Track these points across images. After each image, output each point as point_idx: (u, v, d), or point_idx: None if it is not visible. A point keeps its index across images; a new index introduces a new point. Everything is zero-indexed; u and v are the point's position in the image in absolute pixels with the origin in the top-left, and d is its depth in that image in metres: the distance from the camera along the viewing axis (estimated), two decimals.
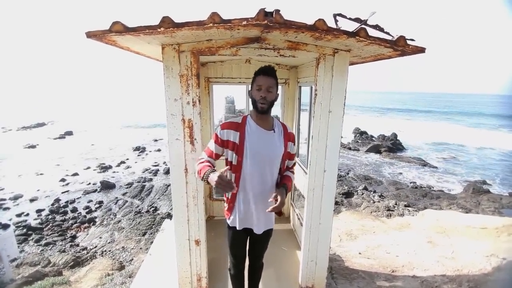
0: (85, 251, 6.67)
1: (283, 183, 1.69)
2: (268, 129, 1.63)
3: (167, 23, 1.33)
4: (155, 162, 14.81)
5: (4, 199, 10.09)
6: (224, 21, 1.33)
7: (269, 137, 1.63)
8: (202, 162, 1.58)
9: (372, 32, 1.42)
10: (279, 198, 1.51)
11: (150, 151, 17.61)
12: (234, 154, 1.61)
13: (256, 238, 1.82)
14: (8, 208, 9.50)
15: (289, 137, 1.70)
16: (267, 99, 1.55)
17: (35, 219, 8.69)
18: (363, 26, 1.41)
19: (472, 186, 11.01)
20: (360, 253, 3.93)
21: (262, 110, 1.56)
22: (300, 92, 3.15)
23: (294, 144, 1.77)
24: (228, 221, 1.77)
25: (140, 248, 6.60)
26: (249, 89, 1.66)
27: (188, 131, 1.89)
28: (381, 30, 1.43)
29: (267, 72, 1.55)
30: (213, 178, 1.37)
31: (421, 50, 1.49)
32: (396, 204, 8.39)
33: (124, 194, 10.42)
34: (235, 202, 1.70)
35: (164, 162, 14.65)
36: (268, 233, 1.82)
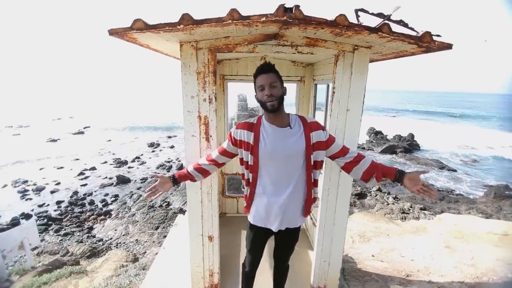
0: (101, 242, 6.92)
1: (395, 172, 1.54)
2: (283, 126, 1.56)
3: (186, 20, 1.34)
4: (169, 158, 15.11)
5: (28, 191, 10.62)
6: (243, 18, 1.32)
7: (285, 135, 1.55)
8: (195, 165, 1.73)
9: (395, 28, 1.37)
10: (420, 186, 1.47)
11: (164, 147, 17.99)
12: (249, 155, 1.59)
13: (281, 237, 1.79)
14: (30, 199, 9.99)
15: (310, 128, 1.57)
16: (274, 94, 1.47)
17: (55, 210, 9.10)
18: (386, 21, 1.36)
19: (493, 190, 10.51)
20: (373, 256, 3.84)
21: (273, 109, 1.48)
22: (315, 90, 3.10)
23: (324, 130, 1.60)
24: (249, 219, 1.77)
25: (153, 242, 6.77)
26: (254, 93, 1.59)
27: (204, 128, 1.91)
28: (405, 25, 1.38)
29: (264, 69, 1.49)
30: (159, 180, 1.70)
31: (448, 46, 1.42)
32: (411, 207, 8.15)
33: (138, 189, 10.71)
34: (253, 200, 1.70)
35: (177, 158, 14.92)
36: (292, 232, 1.75)
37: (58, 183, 11.37)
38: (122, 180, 11.46)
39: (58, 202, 9.55)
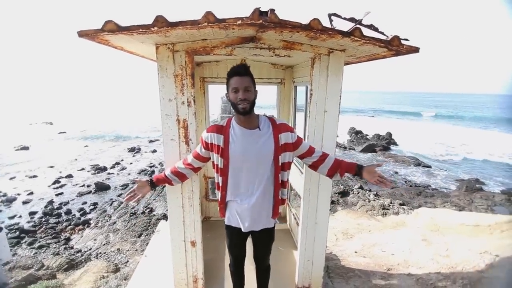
0: (79, 254, 6.58)
1: (355, 167, 1.68)
2: (252, 128, 1.58)
3: (160, 22, 1.32)
4: (151, 163, 14.70)
5: None
6: (219, 21, 1.32)
7: (254, 137, 1.57)
8: (173, 168, 1.77)
9: (367, 32, 1.43)
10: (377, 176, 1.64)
11: (145, 152, 17.48)
12: (219, 158, 1.59)
13: (256, 238, 1.83)
14: (0, 211, 9.34)
15: (279, 130, 1.60)
16: (247, 99, 1.48)
17: (28, 221, 8.55)
18: (357, 26, 1.42)
19: (465, 184, 11.17)
20: (356, 252, 3.95)
21: (244, 111, 1.50)
22: (295, 92, 3.15)
23: (292, 132, 1.64)
24: (225, 220, 1.80)
25: (136, 250, 6.53)
26: (226, 92, 1.59)
27: (183, 131, 1.88)
28: (376, 30, 1.44)
29: (240, 72, 1.48)
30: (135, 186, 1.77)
31: (415, 50, 1.50)
32: (391, 202, 8.47)
33: (119, 196, 10.31)
34: (226, 204, 1.74)
35: (160, 163, 14.54)
36: (266, 232, 1.79)
37: (31, 193, 10.70)
38: (101, 187, 10.99)
39: (31, 213, 8.98)
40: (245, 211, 1.66)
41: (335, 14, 1.46)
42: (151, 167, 13.95)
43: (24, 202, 9.94)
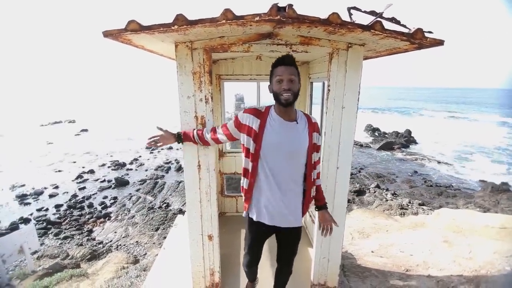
0: (101, 245, 6.90)
1: (322, 204, 1.76)
2: (290, 121, 1.52)
3: (180, 20, 1.35)
4: (167, 159, 15.06)
5: (26, 195, 10.55)
6: (237, 17, 1.33)
7: (291, 129, 1.51)
8: (200, 133, 1.80)
9: (388, 25, 1.39)
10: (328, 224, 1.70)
11: (162, 149, 17.91)
12: (252, 142, 1.51)
13: (281, 237, 1.73)
14: (29, 203, 9.94)
15: (313, 127, 1.56)
16: (292, 89, 1.43)
17: (54, 214, 9.05)
18: (378, 19, 1.38)
19: (490, 184, 10.60)
20: (372, 252, 3.87)
21: (287, 102, 1.44)
22: (311, 88, 3.12)
23: (320, 134, 1.63)
24: (248, 214, 1.67)
25: (153, 243, 6.76)
26: (269, 83, 1.55)
27: (201, 128, 1.92)
28: (397, 22, 1.39)
29: (286, 61, 1.44)
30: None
31: (439, 42, 1.44)
32: (409, 202, 8.21)
33: (137, 191, 10.68)
34: (252, 194, 1.60)
35: (176, 159, 14.88)
36: (293, 231, 1.67)
37: (57, 187, 11.30)
38: (121, 183, 11.42)
39: (57, 206, 9.50)
40: (274, 205, 1.55)
41: (354, 8, 1.42)
42: (167, 163, 14.29)
43: (51, 196, 10.51)
